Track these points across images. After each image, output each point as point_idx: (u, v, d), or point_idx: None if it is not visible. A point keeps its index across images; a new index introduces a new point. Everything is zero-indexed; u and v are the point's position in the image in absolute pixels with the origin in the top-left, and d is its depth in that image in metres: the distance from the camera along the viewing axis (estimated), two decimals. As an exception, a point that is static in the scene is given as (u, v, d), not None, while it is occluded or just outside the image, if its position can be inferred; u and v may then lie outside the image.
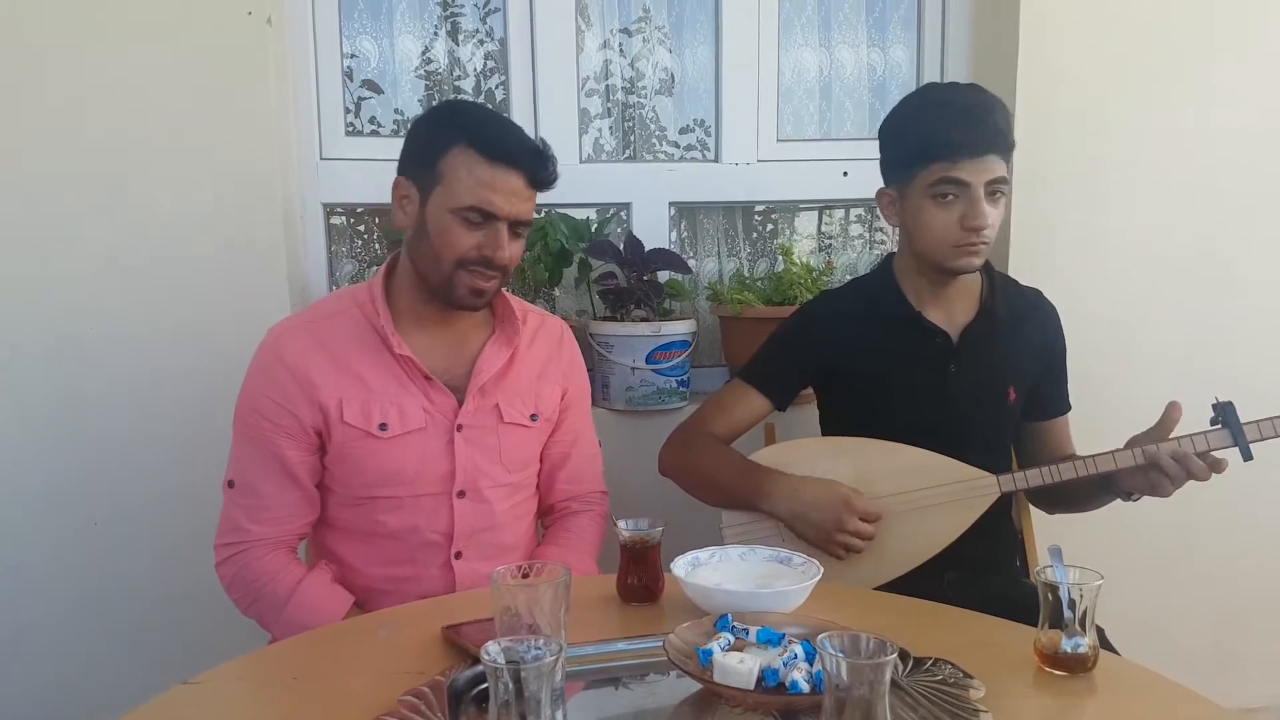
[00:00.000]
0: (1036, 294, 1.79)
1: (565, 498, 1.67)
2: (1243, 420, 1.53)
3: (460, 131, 1.42)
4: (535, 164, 1.44)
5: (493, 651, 0.79)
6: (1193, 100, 2.28)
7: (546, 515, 1.70)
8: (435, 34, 2.26)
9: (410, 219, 1.47)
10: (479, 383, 1.51)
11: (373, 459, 1.46)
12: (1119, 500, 1.64)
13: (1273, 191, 2.34)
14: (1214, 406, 1.55)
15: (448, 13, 2.25)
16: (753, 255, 2.49)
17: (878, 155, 1.70)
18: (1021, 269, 2.21)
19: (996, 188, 1.56)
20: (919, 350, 1.67)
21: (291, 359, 1.45)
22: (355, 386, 1.46)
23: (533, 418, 1.58)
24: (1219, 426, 1.54)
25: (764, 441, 1.96)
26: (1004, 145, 1.56)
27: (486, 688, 0.80)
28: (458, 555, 1.51)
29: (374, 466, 1.46)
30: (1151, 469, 1.52)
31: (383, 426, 1.45)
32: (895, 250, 1.77)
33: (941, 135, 1.56)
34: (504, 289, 1.58)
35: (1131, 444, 1.55)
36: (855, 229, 2.56)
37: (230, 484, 1.48)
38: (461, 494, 1.50)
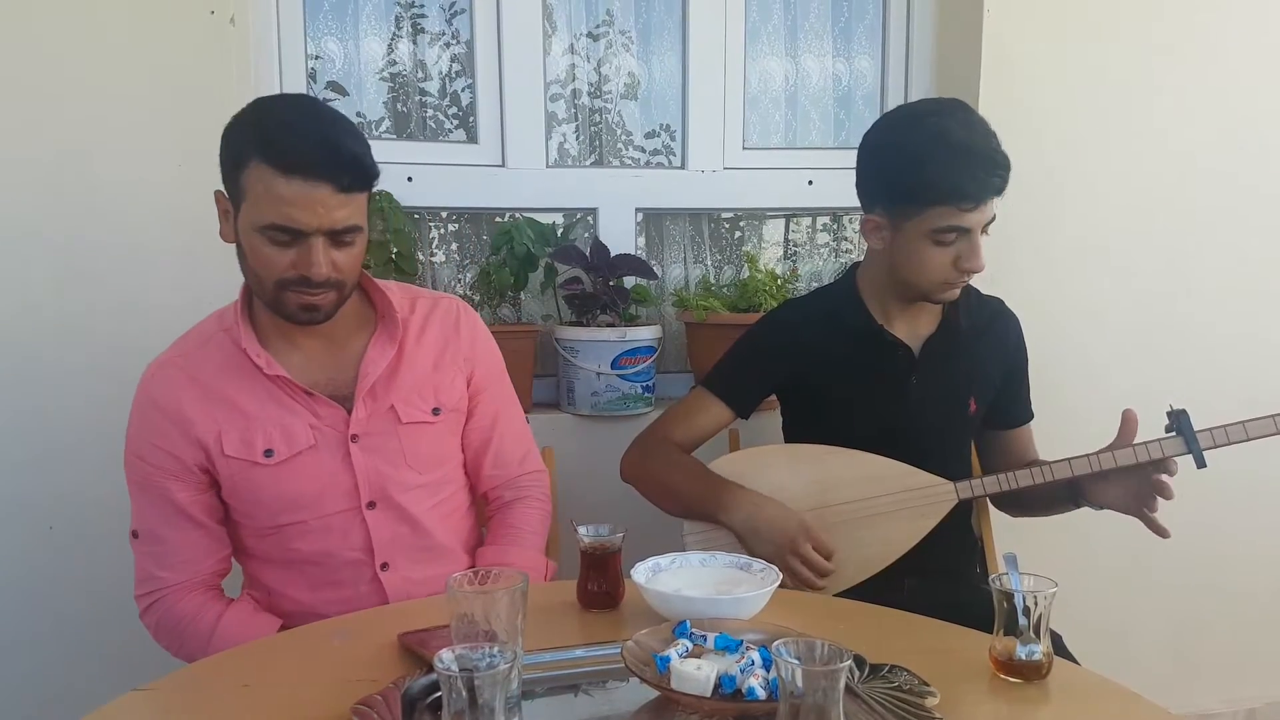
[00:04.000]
0: (998, 303, 1.80)
1: (496, 484, 1.59)
2: (1196, 428, 1.55)
3: (254, 143, 1.30)
4: (337, 170, 1.29)
5: (446, 659, 0.78)
6: (1152, 111, 2.32)
7: (485, 506, 1.63)
8: (400, 35, 2.24)
9: (231, 234, 1.38)
10: (366, 387, 1.43)
11: (266, 488, 1.39)
12: (1086, 508, 1.66)
13: (1228, 201, 2.39)
14: (1169, 414, 1.57)
15: (410, 14, 2.24)
16: (719, 262, 2.50)
17: (845, 164, 1.68)
18: (983, 277, 2.22)
19: (989, 226, 1.57)
20: (881, 363, 1.68)
21: (163, 399, 1.39)
22: (232, 416, 1.39)
23: (435, 412, 1.49)
24: (1174, 434, 1.56)
25: (728, 447, 1.97)
26: (1006, 186, 1.54)
27: (441, 696, 0.79)
28: (384, 567, 1.45)
29: (269, 495, 1.40)
30: (1128, 487, 1.54)
31: (268, 453, 1.38)
32: (860, 261, 1.77)
33: (957, 184, 1.50)
34: (377, 280, 1.50)
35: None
36: (822, 237, 2.57)
37: (135, 534, 1.44)
38: (371, 505, 1.43)
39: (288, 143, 1.28)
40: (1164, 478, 1.52)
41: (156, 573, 1.42)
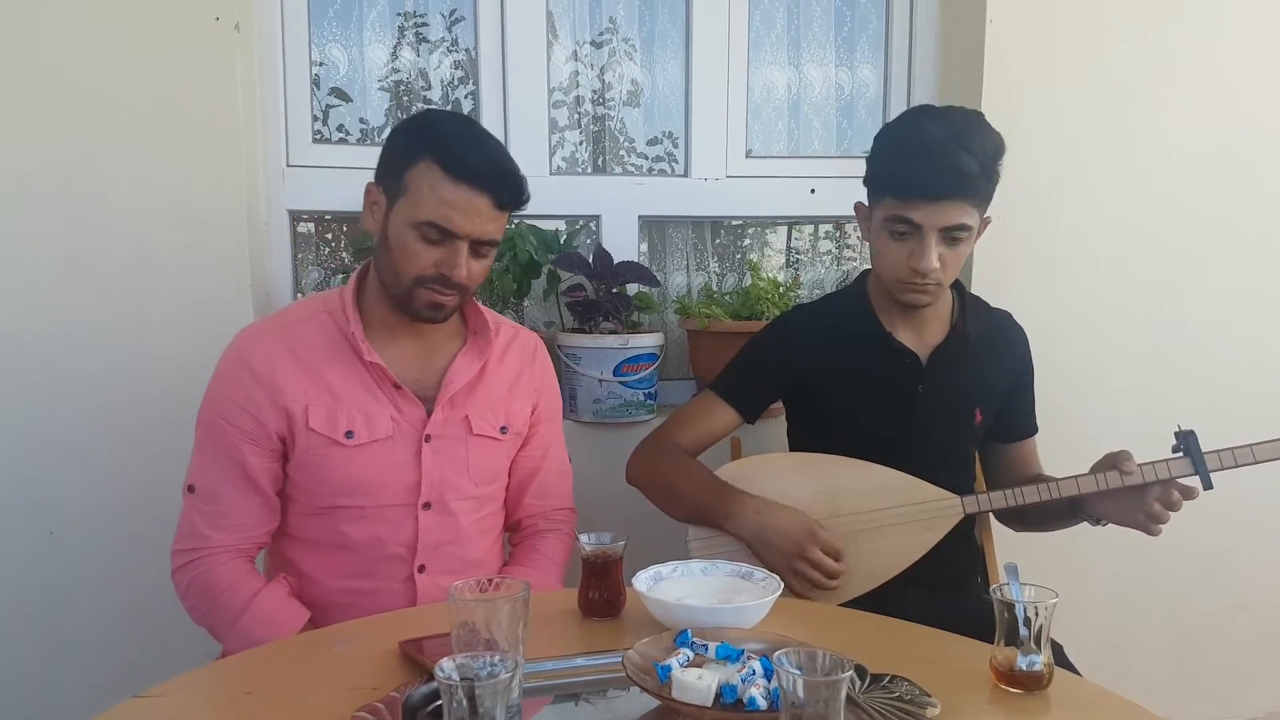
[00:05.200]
0: (1006, 316, 1.80)
1: (532, 514, 1.65)
2: (1204, 449, 1.53)
3: (428, 146, 1.40)
4: (501, 186, 1.41)
5: (447, 668, 0.78)
6: (1153, 123, 2.32)
7: (513, 532, 1.69)
8: (403, 43, 2.25)
9: (377, 225, 1.46)
10: (449, 393, 1.49)
11: (337, 467, 1.44)
12: (1086, 524, 1.65)
13: (1232, 217, 2.39)
14: (1176, 435, 1.55)
15: (411, 22, 2.24)
16: (721, 270, 2.50)
17: (847, 173, 1.70)
18: (983, 290, 2.22)
19: (954, 234, 1.54)
20: (888, 370, 1.68)
21: (258, 363, 1.44)
22: (322, 393, 1.44)
23: (502, 430, 1.56)
24: (1181, 454, 1.54)
25: (730, 455, 1.97)
26: (971, 192, 1.51)
27: (442, 704, 0.79)
28: (421, 569, 1.49)
29: (338, 475, 1.44)
30: (1129, 500, 1.51)
31: (349, 434, 1.44)
32: (870, 267, 1.76)
33: (900, 173, 1.54)
34: (476, 300, 1.57)
35: (1095, 469, 1.55)
36: (824, 245, 2.57)
37: (190, 489, 1.45)
38: (427, 506, 1.48)
39: (463, 151, 1.39)
40: (1175, 495, 1.50)
41: (204, 530, 1.43)
